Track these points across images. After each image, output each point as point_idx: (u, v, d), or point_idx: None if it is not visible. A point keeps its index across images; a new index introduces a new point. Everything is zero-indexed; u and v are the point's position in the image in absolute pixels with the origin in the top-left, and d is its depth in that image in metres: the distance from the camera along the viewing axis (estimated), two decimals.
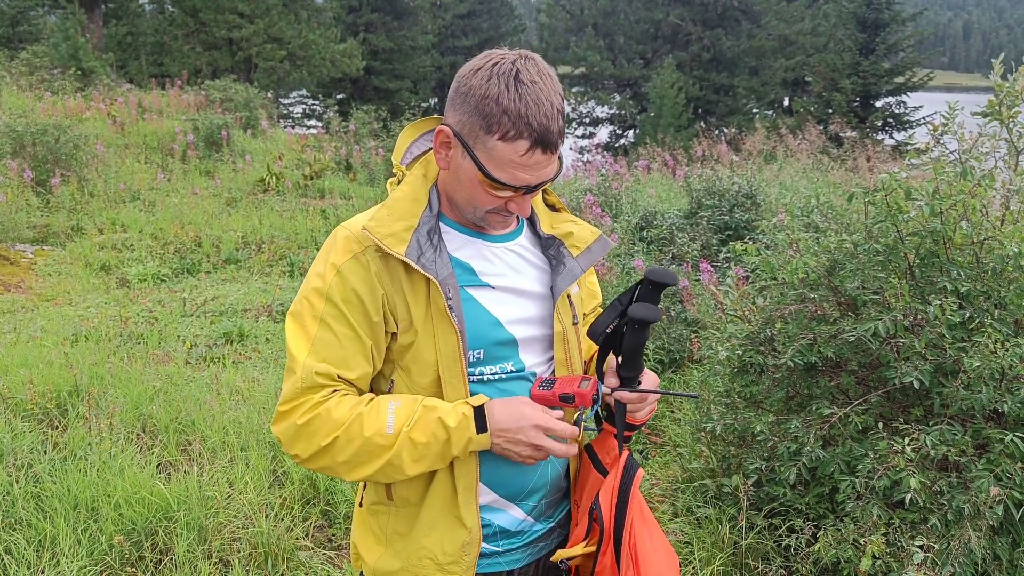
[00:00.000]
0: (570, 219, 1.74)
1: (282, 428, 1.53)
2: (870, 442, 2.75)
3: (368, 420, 1.50)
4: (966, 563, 2.52)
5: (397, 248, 1.50)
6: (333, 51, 27.11)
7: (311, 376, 1.50)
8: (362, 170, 13.41)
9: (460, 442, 1.51)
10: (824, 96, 24.25)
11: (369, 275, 1.52)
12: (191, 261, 8.70)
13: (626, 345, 1.58)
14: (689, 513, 3.51)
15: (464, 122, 1.47)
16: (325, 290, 1.53)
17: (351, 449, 1.50)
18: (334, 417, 1.50)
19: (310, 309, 1.54)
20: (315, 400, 1.51)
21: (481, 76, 1.45)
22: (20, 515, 3.43)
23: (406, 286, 1.54)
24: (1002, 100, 3.29)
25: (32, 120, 11.31)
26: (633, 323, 1.55)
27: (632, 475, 1.61)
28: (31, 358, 5.19)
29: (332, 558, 3.47)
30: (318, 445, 1.51)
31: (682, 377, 4.94)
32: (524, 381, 1.62)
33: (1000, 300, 2.81)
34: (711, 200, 7.15)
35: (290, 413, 1.52)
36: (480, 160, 1.47)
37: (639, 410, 1.66)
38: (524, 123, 1.42)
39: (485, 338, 1.57)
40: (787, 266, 3.16)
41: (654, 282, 1.56)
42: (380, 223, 1.52)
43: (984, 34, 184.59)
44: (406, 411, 1.52)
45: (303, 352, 1.52)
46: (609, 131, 35.28)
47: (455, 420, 1.50)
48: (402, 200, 1.56)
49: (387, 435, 1.49)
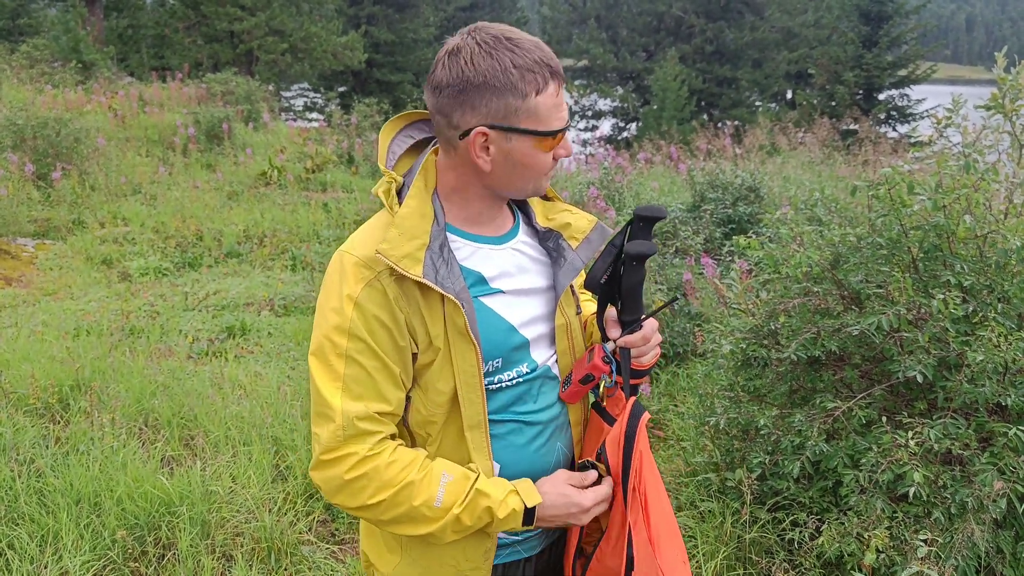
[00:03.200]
0: (565, 208, 1.72)
1: (325, 478, 1.48)
2: (874, 436, 2.74)
3: (419, 489, 1.48)
4: (969, 557, 2.52)
5: (414, 270, 1.44)
6: (335, 44, 27.04)
7: (353, 424, 1.45)
8: (364, 163, 13.39)
9: (504, 528, 1.54)
10: (827, 89, 24.21)
11: (388, 301, 1.46)
12: (193, 255, 8.69)
13: (625, 285, 1.60)
14: (693, 507, 3.51)
15: (491, 112, 1.44)
16: (347, 326, 1.46)
17: (396, 512, 1.49)
18: (384, 478, 1.47)
19: (333, 348, 1.47)
20: (362, 455, 1.46)
21: (467, 68, 1.42)
22: (23, 510, 3.43)
23: (423, 306, 1.49)
24: (1005, 93, 3.27)
25: (33, 113, 11.29)
26: (631, 259, 1.57)
27: (638, 418, 1.60)
28: (33, 352, 5.19)
29: (335, 552, 3.47)
30: (363, 502, 1.48)
31: (686, 371, 4.94)
32: (539, 380, 1.63)
33: (1003, 294, 2.80)
34: (714, 193, 7.14)
35: (334, 464, 1.46)
36: (529, 127, 1.46)
37: (644, 353, 1.66)
38: (542, 67, 1.44)
39: (502, 346, 1.56)
40: (791, 260, 3.16)
41: (644, 217, 1.58)
42: (393, 245, 1.45)
43: (987, 27, 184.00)
44: (457, 489, 1.50)
45: (336, 395, 1.46)
46: (612, 124, 35.21)
47: (504, 513, 1.51)
48: (410, 217, 1.49)
49: (435, 508, 1.48)
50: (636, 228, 1.59)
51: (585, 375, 1.62)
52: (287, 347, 5.95)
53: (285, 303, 7.09)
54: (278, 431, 4.16)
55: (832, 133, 13.04)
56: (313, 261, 8.36)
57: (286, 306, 7.04)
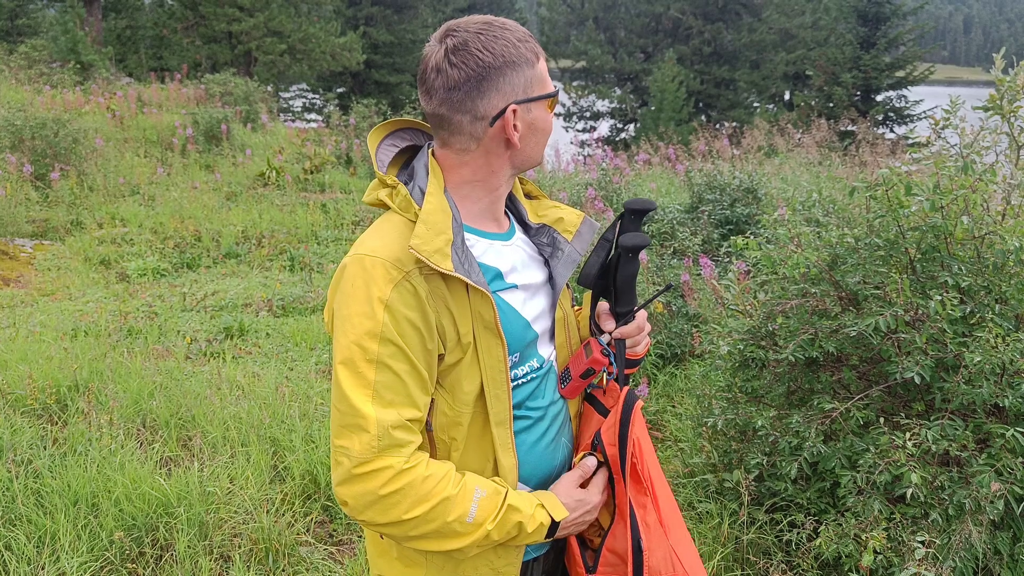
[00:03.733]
0: (553, 204, 1.74)
1: (356, 493, 1.42)
2: (871, 437, 2.74)
3: (454, 505, 1.45)
4: (967, 558, 2.52)
5: (444, 264, 1.42)
6: (333, 45, 27.05)
7: (388, 434, 1.41)
8: (362, 164, 13.38)
9: (530, 541, 1.55)
10: (825, 90, 24.22)
11: (420, 301, 1.44)
12: (191, 256, 8.68)
13: (620, 277, 1.63)
14: (690, 508, 3.51)
15: (515, 87, 1.49)
16: (378, 330, 1.41)
17: (427, 528, 1.45)
18: (420, 492, 1.43)
19: (363, 354, 1.42)
20: (398, 468, 1.42)
21: (483, 55, 1.46)
22: (20, 511, 3.43)
23: (451, 303, 1.47)
24: (1003, 94, 3.28)
25: (31, 114, 11.29)
26: (627, 251, 1.61)
27: (631, 405, 1.62)
28: (30, 353, 5.18)
29: (333, 553, 3.47)
30: (396, 518, 1.43)
31: (683, 372, 4.94)
32: (547, 375, 1.65)
33: (1001, 295, 2.80)
34: (712, 194, 7.15)
35: (368, 478, 1.41)
36: (543, 93, 1.53)
37: (637, 344, 1.70)
38: (528, 36, 1.53)
39: (521, 341, 1.57)
40: (788, 261, 3.16)
41: (635, 210, 1.62)
42: (424, 240, 1.42)
43: (985, 28, 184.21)
44: (490, 504, 1.49)
45: (367, 404, 1.41)
46: (610, 125, 35.26)
47: (532, 527, 1.52)
48: (434, 213, 1.47)
49: (467, 524, 1.47)
50: (627, 221, 1.64)
51: (586, 369, 1.63)
52: (285, 348, 5.95)
53: (283, 304, 7.08)
54: (276, 432, 4.15)
55: (830, 134, 13.03)
56: (311, 262, 8.36)
57: (284, 307, 7.03)
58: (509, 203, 1.72)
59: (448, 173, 1.56)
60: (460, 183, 1.56)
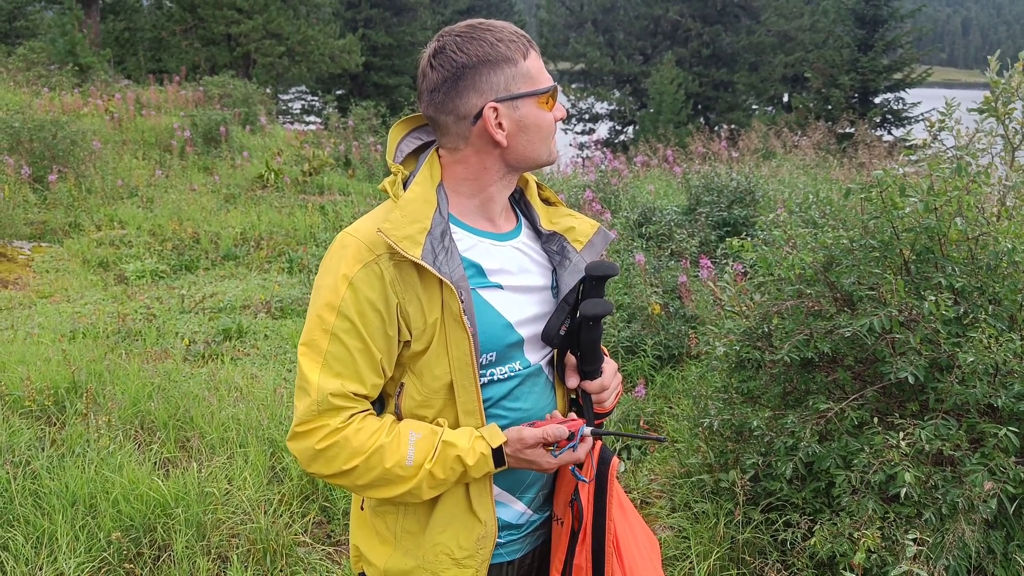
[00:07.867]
0: (568, 213, 1.75)
1: (299, 448, 1.53)
2: (866, 437, 2.76)
3: (389, 451, 1.51)
4: (960, 557, 2.54)
5: (413, 251, 1.47)
6: (332, 47, 27.06)
7: (326, 399, 1.49)
8: (361, 166, 13.41)
9: (478, 474, 1.55)
10: (823, 92, 24.25)
11: (383, 284, 1.49)
12: (189, 258, 8.69)
13: (583, 341, 1.63)
14: (686, 508, 3.52)
15: (494, 86, 1.51)
16: (337, 304, 1.49)
17: (370, 476, 1.52)
18: (353, 445, 1.51)
19: (320, 323, 1.51)
20: (333, 426, 1.50)
21: (457, 56, 1.50)
22: (18, 512, 3.43)
23: (420, 291, 1.51)
24: (998, 96, 3.30)
25: (29, 116, 11.29)
26: (587, 320, 1.60)
27: (607, 464, 1.64)
28: (29, 355, 5.19)
29: (331, 554, 3.48)
30: (338, 468, 1.52)
31: (680, 373, 4.96)
32: (531, 378, 1.65)
33: (994, 296, 2.82)
34: (710, 196, 7.16)
35: (307, 435, 1.51)
36: (529, 90, 1.54)
37: (605, 399, 1.70)
38: (519, 36, 1.55)
39: (498, 342, 1.58)
40: (784, 262, 3.18)
41: (596, 276, 1.62)
42: (395, 225, 1.49)
43: (983, 30, 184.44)
44: (426, 445, 1.52)
45: (315, 371, 1.50)
46: (608, 127, 35.28)
47: (473, 459, 1.53)
48: (414, 202, 1.53)
49: (407, 467, 1.51)
50: (589, 286, 1.63)
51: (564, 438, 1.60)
52: (283, 349, 5.96)
53: (282, 305, 7.09)
54: (274, 433, 4.16)
55: (828, 136, 13.06)
56: (310, 264, 8.36)
57: (282, 308, 7.04)
58: (523, 208, 1.74)
59: (445, 170, 1.61)
60: (455, 180, 1.60)
